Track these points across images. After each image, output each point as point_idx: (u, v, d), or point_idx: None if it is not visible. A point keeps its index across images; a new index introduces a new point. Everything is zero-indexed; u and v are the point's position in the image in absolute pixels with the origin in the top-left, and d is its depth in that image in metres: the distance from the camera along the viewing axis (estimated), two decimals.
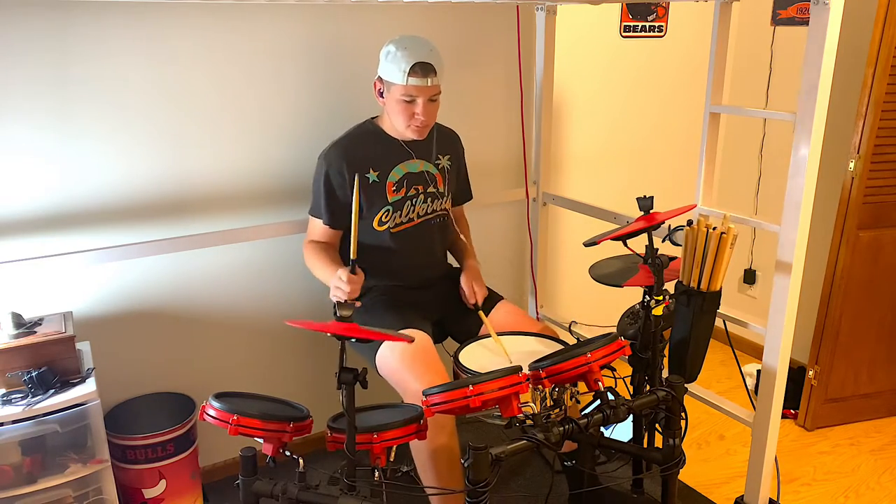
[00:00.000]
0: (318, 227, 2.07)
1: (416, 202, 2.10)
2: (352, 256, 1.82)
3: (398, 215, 2.07)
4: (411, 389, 1.82)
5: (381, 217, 2.05)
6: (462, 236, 2.28)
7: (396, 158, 2.07)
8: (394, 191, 2.06)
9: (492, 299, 2.17)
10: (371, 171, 2.03)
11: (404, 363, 1.85)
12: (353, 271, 1.83)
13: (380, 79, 1.97)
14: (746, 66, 3.13)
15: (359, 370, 1.44)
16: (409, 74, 1.88)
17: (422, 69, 1.89)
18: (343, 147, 2.03)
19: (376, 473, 1.56)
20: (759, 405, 2.00)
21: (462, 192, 2.33)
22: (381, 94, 1.99)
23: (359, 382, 1.45)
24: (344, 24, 2.26)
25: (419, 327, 1.97)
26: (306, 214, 2.10)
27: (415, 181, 2.09)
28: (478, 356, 1.85)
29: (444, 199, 2.18)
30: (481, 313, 2.10)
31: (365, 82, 2.10)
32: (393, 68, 1.90)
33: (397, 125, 2.01)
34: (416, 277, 2.15)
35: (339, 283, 1.83)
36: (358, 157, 2.02)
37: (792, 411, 2.76)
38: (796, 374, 2.72)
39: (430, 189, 2.13)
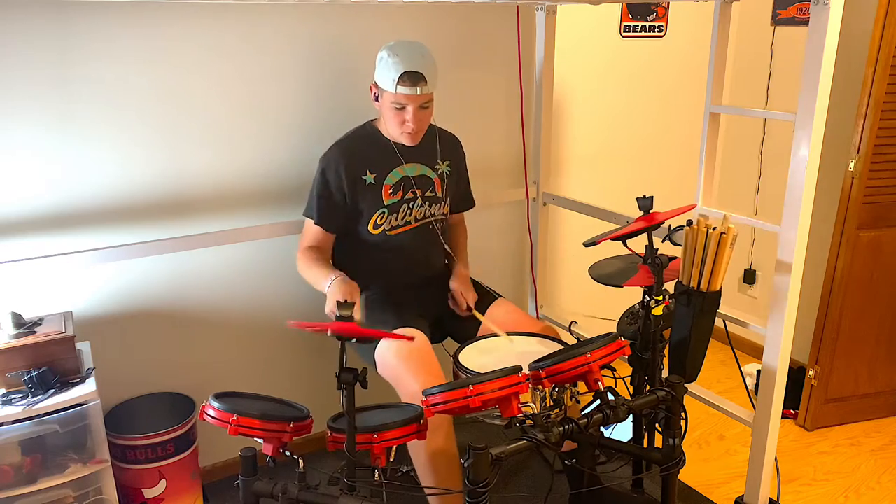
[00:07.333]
0: (311, 229, 2.07)
1: (413, 205, 2.10)
2: None
3: (394, 218, 2.07)
4: (408, 388, 1.82)
5: (376, 219, 2.05)
6: (456, 245, 2.29)
7: (394, 161, 2.07)
8: (390, 193, 2.06)
9: (488, 298, 2.17)
10: (368, 173, 2.03)
11: (401, 361, 1.86)
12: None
13: (375, 83, 1.97)
14: (746, 66, 3.13)
15: (359, 370, 1.45)
16: (398, 83, 1.88)
17: (410, 78, 1.88)
18: (342, 148, 2.04)
19: (376, 473, 1.56)
20: (759, 405, 2.00)
21: (463, 199, 2.32)
22: (377, 99, 1.99)
23: (359, 382, 1.45)
24: (344, 24, 2.25)
25: (416, 326, 1.98)
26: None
27: (412, 185, 2.09)
28: (478, 356, 1.85)
29: (443, 203, 2.18)
30: (477, 313, 2.10)
31: (364, 83, 2.10)
32: (384, 75, 1.91)
33: (391, 130, 2.02)
34: (413, 278, 2.16)
35: (335, 291, 1.85)
36: (356, 159, 2.02)
37: (792, 411, 2.76)
38: (796, 374, 2.72)
39: (429, 193, 2.13)
